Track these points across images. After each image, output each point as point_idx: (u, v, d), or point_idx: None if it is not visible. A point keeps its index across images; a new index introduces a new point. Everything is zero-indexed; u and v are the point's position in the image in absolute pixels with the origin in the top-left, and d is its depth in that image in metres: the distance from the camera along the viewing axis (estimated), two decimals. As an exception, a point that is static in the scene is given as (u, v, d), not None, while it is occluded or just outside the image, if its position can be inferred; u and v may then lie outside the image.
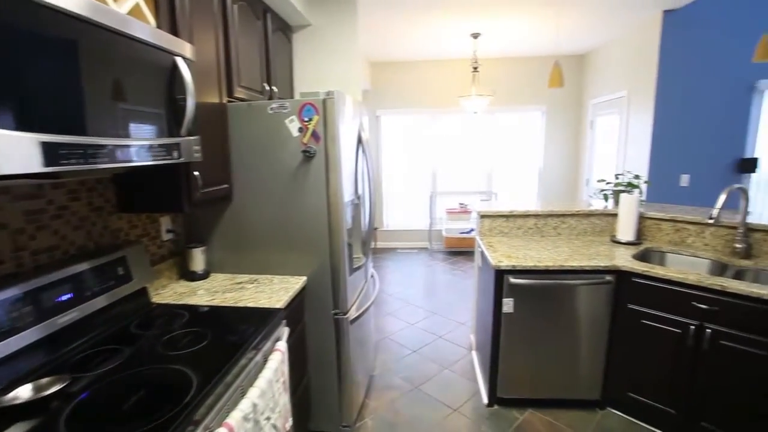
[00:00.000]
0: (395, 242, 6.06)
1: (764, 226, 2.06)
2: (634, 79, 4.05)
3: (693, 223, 2.29)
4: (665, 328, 1.93)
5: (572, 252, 2.24)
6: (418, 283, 4.50)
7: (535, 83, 5.45)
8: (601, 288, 2.06)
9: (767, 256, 2.07)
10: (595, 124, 5.02)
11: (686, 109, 3.72)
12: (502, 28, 4.09)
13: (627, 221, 2.39)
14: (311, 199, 1.83)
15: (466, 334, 3.23)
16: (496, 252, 2.24)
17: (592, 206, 2.69)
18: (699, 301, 1.81)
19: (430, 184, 5.86)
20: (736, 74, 3.67)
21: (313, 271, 1.89)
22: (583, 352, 2.14)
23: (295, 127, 1.78)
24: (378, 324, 3.45)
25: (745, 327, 1.71)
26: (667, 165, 3.80)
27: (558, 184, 5.71)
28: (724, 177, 3.82)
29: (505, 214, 2.59)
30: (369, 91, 5.65)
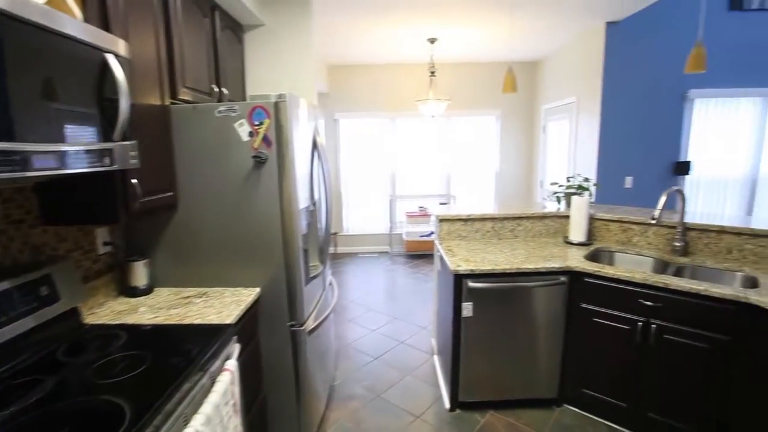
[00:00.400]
0: (356, 247, 6.00)
1: (699, 225, 2.20)
2: (582, 86, 4.25)
3: (637, 224, 2.41)
4: (615, 326, 2.00)
5: (528, 254, 2.28)
6: (380, 288, 4.46)
7: (490, 88, 5.60)
8: (556, 289, 2.11)
9: (702, 252, 2.21)
10: (548, 128, 5.23)
11: (628, 116, 3.94)
12: (458, 34, 4.16)
13: (578, 223, 2.48)
14: (263, 206, 1.75)
15: (428, 338, 3.23)
16: (454, 256, 2.25)
17: (546, 208, 2.77)
18: (645, 298, 1.89)
19: (390, 187, 5.86)
20: (671, 83, 3.93)
21: (267, 282, 1.80)
22: (540, 351, 2.19)
23: (245, 131, 1.69)
24: (339, 331, 3.38)
25: (685, 321, 1.81)
26: (612, 168, 4.01)
27: (514, 186, 5.88)
28: (663, 179, 4.08)
29: (463, 218, 2.61)
30: (327, 94, 5.58)
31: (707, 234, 2.19)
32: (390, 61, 5.35)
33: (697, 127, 4.05)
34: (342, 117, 5.68)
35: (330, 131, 5.69)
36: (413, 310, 3.80)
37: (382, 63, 5.48)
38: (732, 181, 4.22)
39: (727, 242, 2.14)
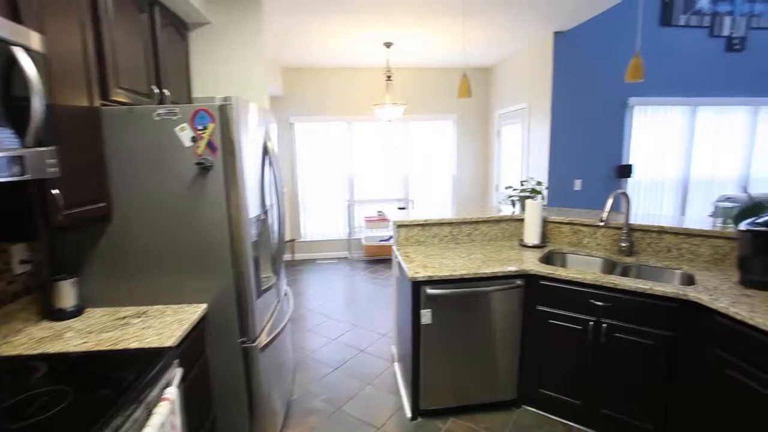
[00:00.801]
0: (314, 253, 5.87)
1: (641, 226, 2.31)
2: (533, 92, 4.40)
3: (587, 226, 2.50)
4: (569, 326, 2.05)
5: (485, 258, 2.30)
6: (339, 295, 4.37)
7: (446, 93, 5.68)
8: (513, 292, 2.13)
9: (645, 252, 2.33)
10: (502, 133, 5.37)
11: (576, 121, 4.12)
12: (413, 39, 4.18)
13: (532, 226, 2.53)
14: (209, 216, 1.63)
15: (388, 345, 3.18)
16: (412, 262, 2.22)
17: (502, 212, 2.81)
18: (596, 298, 1.95)
19: (348, 192, 5.79)
20: (613, 91, 4.16)
21: (215, 297, 1.68)
22: (499, 355, 2.20)
23: (187, 136, 1.57)
24: (297, 342, 3.26)
25: (632, 319, 1.88)
26: (563, 171, 4.17)
27: (471, 189, 6.00)
28: (608, 181, 4.30)
29: (420, 223, 2.59)
30: (281, 98, 5.43)
31: (649, 234, 2.30)
32: (346, 64, 5.30)
33: (637, 133, 4.31)
34: (297, 121, 5.54)
35: (285, 135, 5.54)
36: (373, 317, 3.75)
37: (339, 66, 5.41)
38: (668, 183, 4.53)
39: (667, 242, 2.26)
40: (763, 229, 1.75)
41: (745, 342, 1.53)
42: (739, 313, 1.53)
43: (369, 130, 5.69)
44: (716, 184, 4.61)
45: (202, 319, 1.63)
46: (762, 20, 4.41)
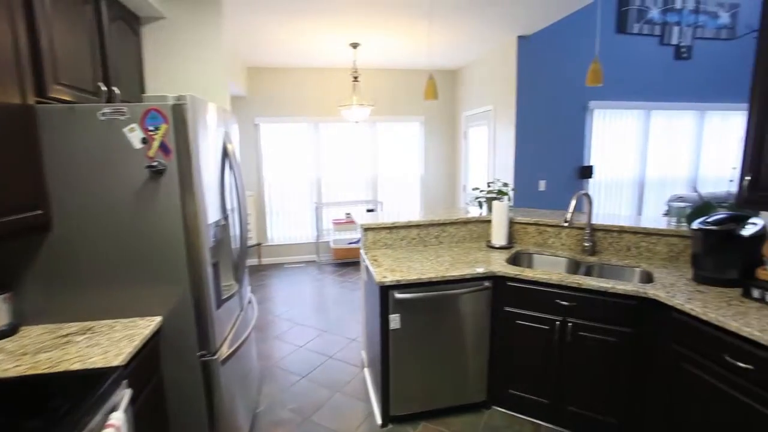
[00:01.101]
0: (281, 257, 5.73)
1: (603, 225, 2.37)
2: (499, 94, 4.47)
3: (552, 226, 2.55)
4: (536, 326, 2.07)
5: (453, 260, 2.29)
6: (307, 300, 4.28)
7: (413, 95, 5.69)
8: (481, 294, 2.13)
9: (607, 251, 2.39)
10: (469, 134, 5.44)
11: (540, 123, 4.22)
12: (380, 40, 4.15)
13: (499, 227, 2.55)
14: (163, 222, 1.52)
15: (358, 350, 3.13)
16: (380, 267, 2.18)
17: (470, 213, 2.83)
18: (561, 298, 1.98)
19: (316, 194, 5.69)
20: (574, 95, 4.29)
21: (171, 309, 1.57)
22: (469, 357, 2.20)
23: (137, 137, 1.46)
24: (263, 351, 3.15)
25: (596, 317, 1.92)
26: (528, 172, 4.26)
27: (439, 191, 6.04)
28: (571, 182, 4.43)
29: (388, 226, 2.56)
30: (246, 98, 5.26)
31: (610, 234, 2.37)
32: (313, 64, 5.20)
33: (597, 135, 4.47)
34: (263, 122, 5.39)
35: (250, 137, 5.38)
36: (343, 322, 3.68)
37: (305, 66, 5.31)
38: (626, 183, 4.72)
39: (627, 241, 2.33)
40: (713, 228, 1.83)
41: (699, 336, 1.59)
42: (694, 309, 1.59)
43: (336, 132, 5.62)
44: (669, 184, 4.86)
45: (156, 333, 1.52)
46: (706, 31, 4.69)
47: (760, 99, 1.63)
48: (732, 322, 1.46)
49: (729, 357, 1.48)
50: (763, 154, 1.63)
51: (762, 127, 1.62)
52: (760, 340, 1.36)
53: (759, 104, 1.63)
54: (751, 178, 1.67)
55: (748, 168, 1.68)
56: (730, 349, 1.48)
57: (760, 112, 1.62)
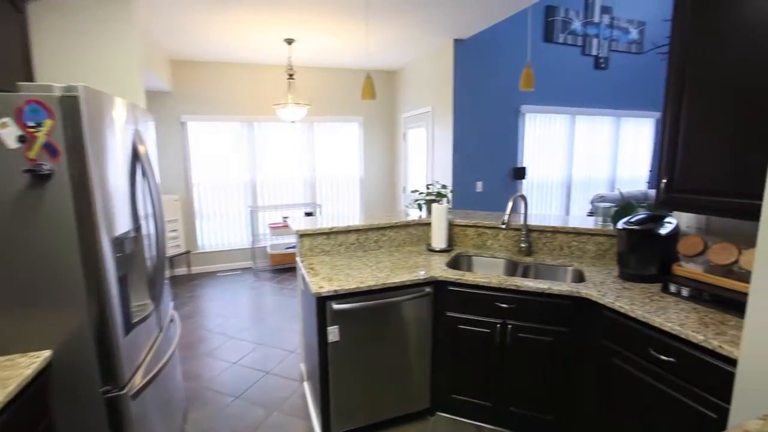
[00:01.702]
0: (214, 265, 5.35)
1: (537, 226, 2.44)
2: (436, 96, 4.51)
3: (490, 228, 2.57)
4: (477, 330, 2.06)
5: (393, 266, 2.22)
6: (243, 311, 4.00)
7: (351, 95, 5.59)
8: (423, 300, 2.08)
9: (542, 251, 2.46)
10: (408, 136, 5.45)
11: (477, 125, 4.32)
12: (316, 37, 3.99)
13: (439, 230, 2.53)
14: (52, 237, 1.28)
15: (297, 363, 2.96)
16: (317, 275, 2.05)
17: (410, 216, 2.78)
18: (501, 301, 1.98)
19: (251, 197, 5.38)
20: (507, 99, 4.45)
21: (64, 341, 1.33)
22: (413, 365, 2.14)
23: (10, 134, 1.21)
24: (192, 371, 2.87)
25: (534, 318, 1.95)
26: (465, 173, 4.34)
27: (379, 192, 5.99)
28: (506, 183, 4.59)
29: (325, 232, 2.43)
30: (170, 94, 4.84)
31: (545, 234, 2.44)
32: (245, 60, 4.91)
33: (528, 138, 4.68)
34: (191, 120, 4.99)
35: (176, 136, 4.95)
36: (281, 333, 3.48)
37: (237, 62, 5.00)
38: (555, 184, 4.99)
39: (560, 240, 2.41)
40: (635, 228, 1.93)
41: (627, 332, 1.66)
42: (623, 306, 1.65)
43: (272, 132, 5.36)
44: (592, 184, 5.22)
45: (43, 371, 1.27)
46: (619, 44, 5.10)
47: (671, 109, 1.73)
48: (656, 318, 1.52)
49: (654, 351, 1.55)
50: (676, 159, 1.73)
51: (675, 133, 1.72)
52: (680, 333, 1.43)
53: (671, 113, 1.73)
54: (666, 181, 1.77)
55: (664, 171, 1.78)
56: (654, 343, 1.55)
57: (672, 120, 1.73)
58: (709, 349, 1.35)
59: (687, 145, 1.67)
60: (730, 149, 1.51)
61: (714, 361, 1.35)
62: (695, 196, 1.65)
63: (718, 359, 1.34)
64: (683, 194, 1.71)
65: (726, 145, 1.52)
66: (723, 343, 1.32)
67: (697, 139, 1.63)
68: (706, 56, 1.57)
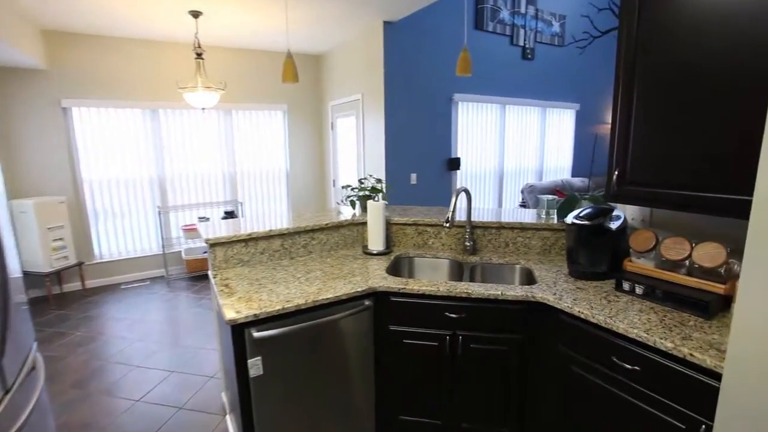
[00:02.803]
0: (116, 276, 4.59)
1: (482, 222, 2.26)
2: (366, 82, 4.20)
3: (432, 226, 2.35)
4: (424, 344, 1.83)
5: (326, 276, 1.90)
6: (152, 330, 3.42)
7: (274, 80, 5.08)
8: (362, 315, 1.79)
9: (487, 248, 2.30)
10: (337, 125, 5.09)
11: (409, 115, 4.10)
12: (229, 12, 3.47)
13: (376, 230, 2.25)
14: None
15: (218, 392, 2.53)
16: (232, 296, 1.66)
17: (342, 215, 2.47)
18: (450, 310, 1.76)
19: (159, 197, 4.68)
20: (440, 87, 4.28)
21: None
22: (354, 388, 1.85)
23: None
24: (78, 419, 2.31)
25: (486, 327, 1.75)
26: (399, 165, 4.11)
27: (307, 187, 5.58)
28: (441, 175, 4.45)
29: (243, 239, 2.03)
30: (45, 72, 3.98)
31: (489, 230, 2.27)
32: (143, 35, 4.19)
33: (462, 128, 4.57)
34: (75, 105, 4.16)
35: (56, 124, 4.10)
36: (198, 354, 2.99)
37: (133, 36, 4.25)
38: (488, 174, 4.97)
39: (505, 237, 2.26)
40: (586, 223, 1.81)
41: (586, 338, 1.52)
42: (582, 311, 1.50)
43: (182, 120, 4.69)
44: (522, 174, 5.30)
45: None
46: (543, 36, 5.19)
47: (623, 98, 1.61)
48: (619, 324, 1.39)
49: (616, 359, 1.42)
50: (628, 150, 1.62)
51: (627, 123, 1.60)
52: (648, 341, 1.30)
53: (623, 102, 1.61)
54: (618, 173, 1.65)
55: (615, 163, 1.67)
56: (618, 350, 1.42)
57: (623, 109, 1.61)
58: (679, 357, 1.23)
59: (640, 136, 1.56)
60: (688, 141, 1.40)
61: (683, 369, 1.23)
62: (651, 189, 1.54)
63: (689, 367, 1.22)
64: (637, 187, 1.60)
65: (684, 136, 1.41)
66: (693, 350, 1.20)
67: (651, 130, 1.52)
68: (655, 45, 1.45)
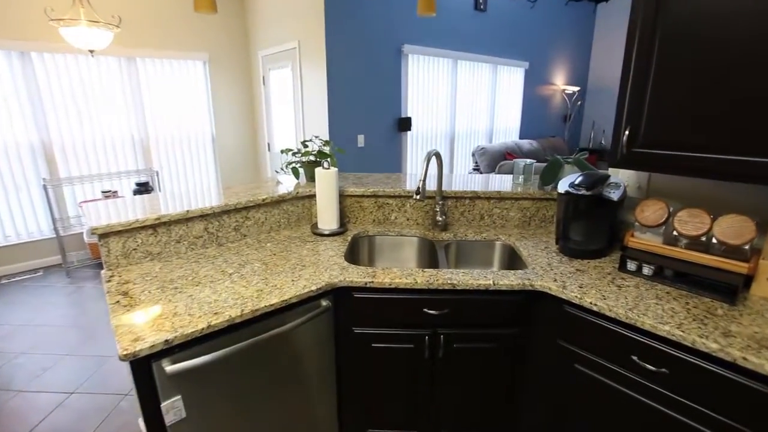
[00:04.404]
0: (-6, 268, 3.69)
1: (455, 192, 1.91)
2: (303, 28, 3.57)
3: (395, 197, 1.95)
4: (398, 347, 1.48)
5: (267, 270, 1.45)
6: (44, 336, 2.73)
7: (188, 20, 4.21)
8: (320, 319, 1.39)
9: (459, 222, 1.97)
10: (269, 79, 4.40)
11: (354, 67, 3.57)
12: None
13: (328, 205, 1.81)
14: None
15: (135, 416, 2.02)
16: (132, 309, 1.16)
17: (282, 187, 1.98)
18: (430, 305, 1.41)
19: (44, 167, 3.76)
20: (388, 36, 3.77)
21: None
22: (314, 407, 1.46)
23: None
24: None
25: (473, 323, 1.44)
26: (344, 126, 3.61)
27: (237, 153, 4.87)
28: (390, 136, 4.02)
29: (150, 224, 1.49)
30: None
31: (462, 201, 1.93)
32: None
33: (412, 84, 4.13)
34: None
35: None
36: (107, 364, 2.42)
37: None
38: (439, 136, 4.63)
39: (480, 208, 1.94)
40: (585, 193, 1.51)
41: (596, 333, 1.26)
42: (596, 303, 1.23)
43: (68, 69, 3.72)
44: (473, 136, 5.03)
45: None
46: (493, -15, 4.79)
47: (640, 42, 1.29)
48: (645, 319, 1.13)
49: (637, 358, 1.17)
50: (644, 106, 1.32)
51: (645, 72, 1.29)
52: (684, 341, 1.05)
53: (639, 47, 1.29)
54: (629, 133, 1.36)
55: (626, 121, 1.37)
56: (637, 348, 1.17)
57: (640, 54, 1.29)
58: (727, 362, 1.00)
59: (662, 89, 1.26)
60: (726, 94, 1.12)
61: (731, 374, 1.00)
62: (675, 152, 1.27)
63: (739, 373, 0.99)
64: (654, 149, 1.32)
65: (721, 89, 1.13)
66: (744, 352, 0.97)
67: (676, 80, 1.22)
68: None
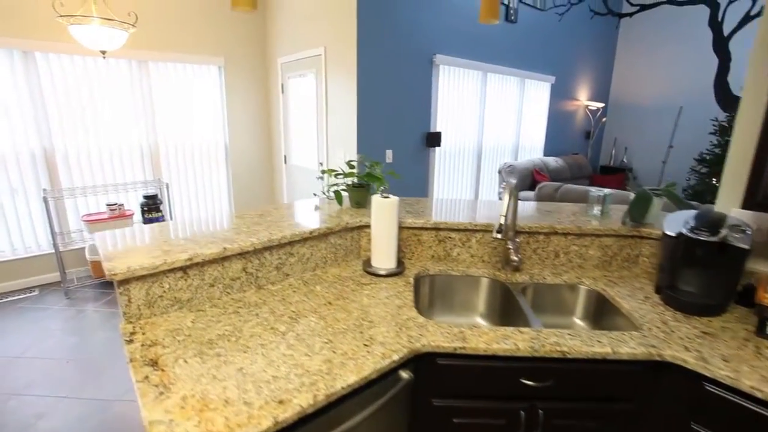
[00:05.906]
0: (-14, 286, 3.39)
1: (529, 227, 1.65)
2: (332, 32, 3.33)
3: (458, 230, 1.69)
4: (485, 422, 1.20)
5: (327, 327, 1.17)
6: (39, 373, 2.43)
7: (206, 23, 3.97)
8: (396, 394, 1.11)
9: (531, 260, 1.70)
10: (288, 88, 4.15)
11: (385, 77, 3.33)
12: None
13: (386, 241, 1.54)
14: None
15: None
16: (166, 395, 0.88)
17: (323, 212, 1.72)
18: (529, 375, 1.14)
19: (45, 178, 3.48)
20: (421, 44, 3.54)
21: None
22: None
23: None
24: None
25: (578, 396, 1.17)
26: (372, 140, 3.37)
27: (252, 165, 4.61)
28: (418, 152, 3.78)
29: (181, 266, 1.21)
30: None
31: (535, 237, 1.67)
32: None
33: (442, 96, 3.89)
34: None
35: None
36: (113, 408, 2.11)
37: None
38: (467, 152, 4.39)
39: (555, 245, 1.68)
40: (711, 239, 1.25)
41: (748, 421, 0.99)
42: (757, 388, 0.96)
43: (74, 71, 3.46)
44: (500, 153, 4.78)
45: None
46: (524, -5, 4.60)
47: None
48: (840, 417, 0.86)
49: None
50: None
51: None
52: None
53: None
54: (777, 165, 1.11)
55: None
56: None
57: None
58: None
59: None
60: None
61: None
62: None
63: None
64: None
65: None
66: None
67: None
68: None
